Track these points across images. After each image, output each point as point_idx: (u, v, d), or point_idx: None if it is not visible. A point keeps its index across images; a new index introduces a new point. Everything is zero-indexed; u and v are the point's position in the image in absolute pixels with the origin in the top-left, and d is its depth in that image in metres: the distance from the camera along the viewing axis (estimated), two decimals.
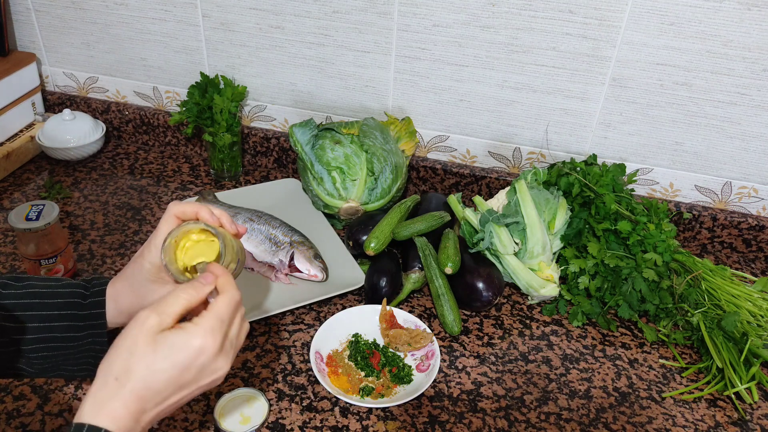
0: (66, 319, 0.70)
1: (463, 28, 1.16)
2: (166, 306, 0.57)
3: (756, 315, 1.00)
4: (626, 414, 0.91)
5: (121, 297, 0.71)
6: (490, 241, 1.05)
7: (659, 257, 1.03)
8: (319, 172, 1.17)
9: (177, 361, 0.54)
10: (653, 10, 1.06)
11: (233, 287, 0.61)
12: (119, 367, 0.54)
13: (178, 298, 0.58)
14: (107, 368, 0.55)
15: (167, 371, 0.54)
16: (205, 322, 0.56)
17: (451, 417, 0.88)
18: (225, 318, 0.58)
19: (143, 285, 0.70)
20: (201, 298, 0.60)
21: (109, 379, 0.54)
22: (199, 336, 0.55)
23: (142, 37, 1.36)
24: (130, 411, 0.54)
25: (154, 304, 0.58)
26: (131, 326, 0.56)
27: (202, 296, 0.60)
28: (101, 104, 1.45)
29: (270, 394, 0.90)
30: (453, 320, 1.00)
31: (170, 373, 0.54)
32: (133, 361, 0.54)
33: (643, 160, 1.21)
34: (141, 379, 0.54)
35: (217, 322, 0.57)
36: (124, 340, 0.56)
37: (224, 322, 0.57)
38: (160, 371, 0.54)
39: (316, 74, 1.30)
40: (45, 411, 0.85)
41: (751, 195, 1.20)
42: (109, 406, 0.54)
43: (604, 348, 1.02)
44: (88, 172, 1.36)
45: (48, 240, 1.00)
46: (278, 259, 1.09)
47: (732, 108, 1.12)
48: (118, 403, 0.54)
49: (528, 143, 1.25)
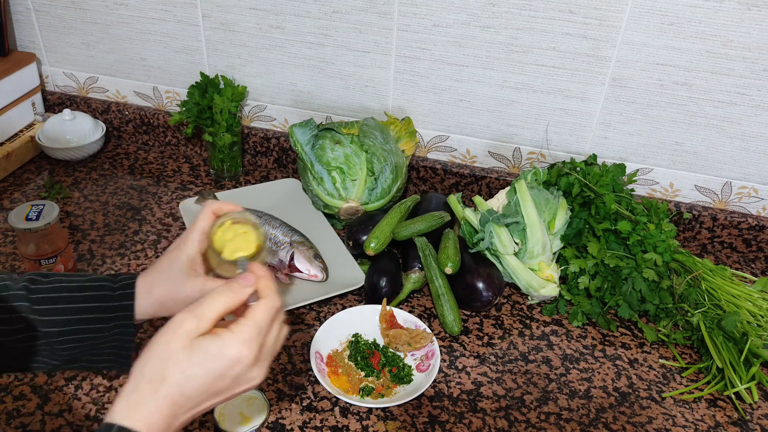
0: (95, 311, 0.71)
1: (463, 28, 1.16)
2: (204, 309, 0.57)
3: (756, 315, 1.00)
4: (626, 414, 0.91)
5: (154, 288, 0.72)
6: (490, 241, 1.05)
7: (659, 257, 1.03)
8: (319, 172, 1.17)
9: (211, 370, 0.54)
10: (653, 10, 1.06)
11: (274, 293, 0.60)
12: (154, 371, 0.54)
13: (217, 302, 0.57)
14: (141, 370, 0.55)
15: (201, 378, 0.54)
16: (243, 331, 0.56)
17: (451, 417, 0.88)
18: (263, 327, 0.57)
19: (177, 277, 0.71)
20: (240, 301, 0.59)
21: (142, 382, 0.54)
22: (235, 346, 0.54)
23: (142, 37, 1.36)
24: (163, 415, 0.54)
25: (191, 306, 0.57)
26: (167, 329, 0.56)
27: (241, 299, 0.59)
28: (101, 104, 1.45)
29: (270, 394, 0.90)
30: (453, 320, 1.00)
31: (204, 380, 0.54)
32: (169, 366, 0.54)
33: (643, 160, 1.21)
34: (175, 384, 0.53)
35: (254, 331, 0.56)
36: (159, 343, 0.55)
37: (262, 331, 0.56)
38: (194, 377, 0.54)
39: (316, 74, 1.30)
40: (45, 411, 0.85)
41: (751, 195, 1.20)
42: (143, 410, 0.54)
43: (604, 348, 1.02)
44: (88, 172, 1.36)
45: (48, 240, 1.00)
46: (278, 259, 1.09)
47: (732, 108, 1.12)
48: (152, 408, 0.53)
49: (528, 143, 1.25)
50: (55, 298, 0.71)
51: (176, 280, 0.72)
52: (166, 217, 1.24)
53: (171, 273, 0.72)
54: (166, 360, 0.54)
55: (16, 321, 0.68)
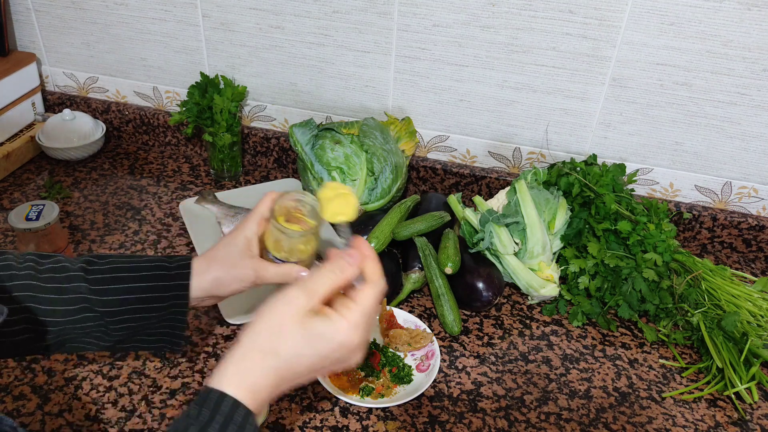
0: (151, 290, 0.73)
1: (463, 28, 1.16)
2: (314, 285, 0.59)
3: (756, 315, 1.00)
4: (626, 414, 0.91)
5: (210, 267, 0.76)
6: (490, 241, 1.05)
7: (659, 257, 1.03)
8: (319, 172, 1.17)
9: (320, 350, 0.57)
10: (653, 10, 1.06)
11: (380, 276, 0.62)
12: (266, 343, 0.56)
13: (325, 279, 0.60)
14: (253, 339, 0.57)
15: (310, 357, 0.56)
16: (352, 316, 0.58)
17: (451, 417, 0.88)
18: (370, 313, 0.59)
19: (234, 256, 0.76)
20: (347, 281, 0.61)
21: (254, 350, 0.56)
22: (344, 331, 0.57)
23: (142, 37, 1.36)
24: (268, 385, 0.56)
25: (302, 282, 0.60)
26: (279, 302, 0.58)
27: (348, 278, 0.61)
28: (101, 104, 1.45)
29: None
30: (453, 320, 1.00)
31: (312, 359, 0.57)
32: (281, 341, 0.56)
33: (643, 160, 1.21)
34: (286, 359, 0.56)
35: (362, 317, 0.58)
36: (273, 315, 0.58)
37: (369, 317, 0.59)
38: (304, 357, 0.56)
39: (316, 74, 1.30)
40: (45, 411, 0.85)
41: (751, 195, 1.20)
42: (250, 378, 0.56)
43: (604, 348, 1.02)
44: (88, 172, 1.36)
45: (48, 240, 1.00)
46: None
47: (732, 108, 1.12)
48: (259, 377, 0.56)
49: (528, 143, 1.25)
50: (112, 278, 0.73)
51: (232, 260, 0.76)
52: (166, 217, 1.24)
53: (227, 252, 0.77)
54: (278, 334, 0.57)
55: (75, 301, 0.71)
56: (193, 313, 1.02)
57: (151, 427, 0.84)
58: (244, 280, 0.77)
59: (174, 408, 0.87)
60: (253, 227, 0.79)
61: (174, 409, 0.87)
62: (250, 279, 0.77)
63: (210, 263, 0.77)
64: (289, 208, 0.80)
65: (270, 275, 0.78)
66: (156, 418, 0.86)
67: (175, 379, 0.91)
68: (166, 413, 0.86)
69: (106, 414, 0.86)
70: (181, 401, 0.88)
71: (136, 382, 0.90)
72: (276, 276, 0.78)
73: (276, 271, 0.78)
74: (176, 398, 0.88)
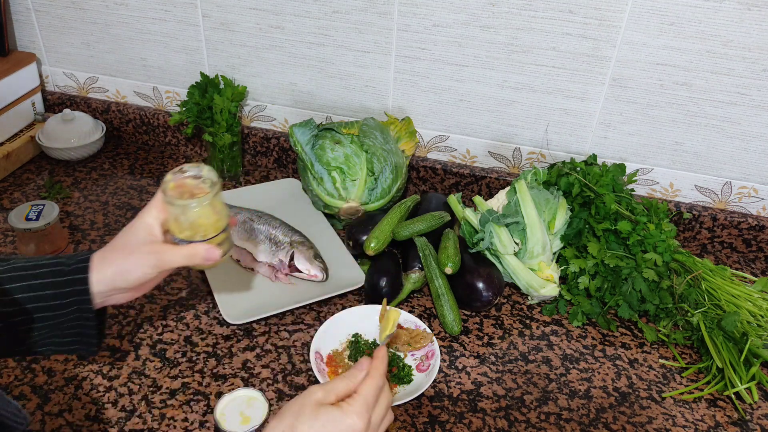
0: (49, 287, 0.71)
1: (463, 28, 1.16)
2: (332, 386, 0.69)
3: (756, 315, 1.00)
4: (626, 414, 0.91)
5: (108, 257, 0.74)
6: (490, 241, 1.05)
7: (659, 257, 1.03)
8: (319, 172, 1.17)
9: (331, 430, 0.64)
10: (653, 10, 1.06)
11: (380, 375, 0.70)
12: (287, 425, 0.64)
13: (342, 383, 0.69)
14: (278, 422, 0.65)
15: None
16: (356, 404, 0.66)
17: (451, 417, 0.88)
18: (371, 402, 0.67)
19: (133, 243, 0.74)
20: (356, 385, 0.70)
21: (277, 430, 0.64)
22: (351, 416, 0.65)
23: (142, 37, 1.36)
24: None
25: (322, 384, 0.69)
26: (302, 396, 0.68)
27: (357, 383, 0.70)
28: (101, 104, 1.45)
29: (270, 394, 0.90)
30: (453, 320, 1.00)
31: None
32: (299, 423, 0.64)
33: (643, 160, 1.21)
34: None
35: (364, 406, 0.67)
36: (294, 404, 0.67)
37: (370, 405, 0.67)
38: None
39: (316, 74, 1.30)
40: (45, 411, 0.85)
41: (751, 195, 1.20)
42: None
43: (604, 348, 1.02)
44: (88, 172, 1.36)
45: (48, 240, 1.00)
46: (278, 259, 1.09)
47: (732, 108, 1.12)
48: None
49: (528, 143, 1.25)
50: (9, 278, 0.71)
51: (131, 247, 0.74)
52: None
53: (126, 240, 0.75)
54: (298, 416, 0.65)
55: None
56: (193, 313, 1.02)
57: (151, 427, 0.84)
58: (145, 265, 0.73)
59: (174, 408, 0.87)
60: (153, 212, 0.75)
61: (174, 409, 0.87)
62: (152, 263, 0.73)
63: (107, 254, 0.74)
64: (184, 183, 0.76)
65: (175, 258, 0.74)
66: (156, 418, 0.86)
67: (175, 379, 0.91)
68: (166, 413, 0.86)
69: (106, 414, 0.86)
70: (181, 401, 0.88)
71: (136, 382, 0.90)
72: (181, 258, 0.74)
73: (181, 252, 0.74)
74: (176, 398, 0.88)
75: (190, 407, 0.87)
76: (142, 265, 0.73)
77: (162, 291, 1.06)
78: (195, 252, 0.75)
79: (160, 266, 0.74)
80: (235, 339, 0.98)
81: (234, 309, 1.00)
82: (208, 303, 1.05)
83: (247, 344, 0.98)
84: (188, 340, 0.98)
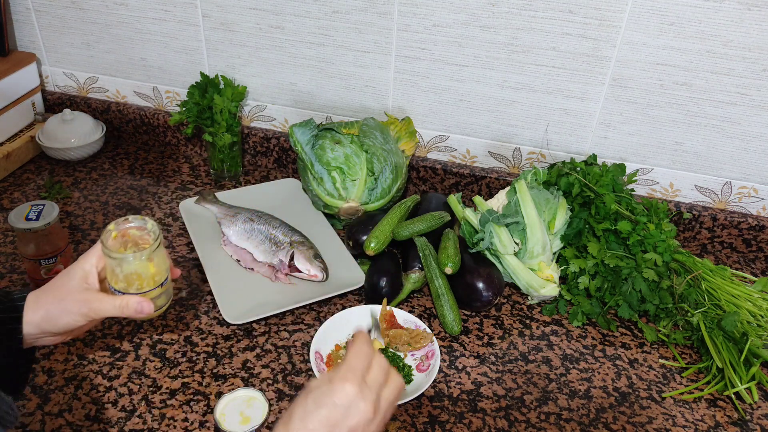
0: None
1: (463, 28, 1.16)
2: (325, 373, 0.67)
3: (756, 315, 1.00)
4: (626, 414, 0.91)
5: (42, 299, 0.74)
6: (490, 241, 1.05)
7: (659, 257, 1.03)
8: (319, 172, 1.17)
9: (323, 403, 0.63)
10: (653, 10, 1.06)
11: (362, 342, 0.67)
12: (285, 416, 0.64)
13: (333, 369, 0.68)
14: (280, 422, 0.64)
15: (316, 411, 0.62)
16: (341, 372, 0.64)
17: (451, 417, 0.88)
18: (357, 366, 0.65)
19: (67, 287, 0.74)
20: None
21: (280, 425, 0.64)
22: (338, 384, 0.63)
23: (142, 37, 1.36)
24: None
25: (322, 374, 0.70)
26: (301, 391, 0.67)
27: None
28: (101, 104, 1.45)
29: (270, 394, 0.90)
30: (453, 320, 1.00)
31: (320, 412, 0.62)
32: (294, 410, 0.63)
33: (643, 160, 1.21)
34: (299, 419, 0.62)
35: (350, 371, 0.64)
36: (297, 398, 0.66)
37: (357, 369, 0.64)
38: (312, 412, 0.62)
39: (316, 74, 1.30)
40: (45, 411, 0.85)
41: (751, 195, 1.20)
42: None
43: (604, 348, 1.02)
44: (88, 172, 1.36)
45: (48, 240, 1.00)
46: (278, 259, 1.09)
47: (732, 108, 1.12)
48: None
49: (528, 143, 1.25)
50: None
51: (63, 293, 0.74)
52: (166, 217, 1.24)
53: (60, 285, 0.74)
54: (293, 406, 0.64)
55: None
56: (193, 313, 1.02)
57: (151, 427, 0.84)
58: (74, 312, 0.73)
59: (174, 408, 0.87)
60: (92, 259, 0.76)
61: (174, 409, 0.87)
62: (82, 312, 0.73)
63: (40, 297, 0.74)
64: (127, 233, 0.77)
65: (105, 308, 0.74)
66: (156, 418, 0.86)
67: (175, 379, 0.91)
68: (166, 413, 0.86)
69: (106, 414, 0.86)
70: (181, 401, 0.88)
71: (136, 382, 0.90)
72: (112, 309, 0.74)
73: (112, 303, 0.74)
74: (176, 398, 0.88)
75: (190, 407, 0.87)
76: (72, 312, 0.73)
77: None
78: (127, 304, 0.74)
79: (90, 315, 0.74)
80: (235, 339, 0.98)
81: (234, 309, 1.00)
82: (208, 303, 1.05)
83: (247, 344, 0.98)
84: (188, 340, 0.98)
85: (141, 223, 0.77)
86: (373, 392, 0.64)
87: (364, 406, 0.62)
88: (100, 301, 0.74)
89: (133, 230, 0.77)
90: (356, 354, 0.66)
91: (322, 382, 0.64)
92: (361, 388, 0.63)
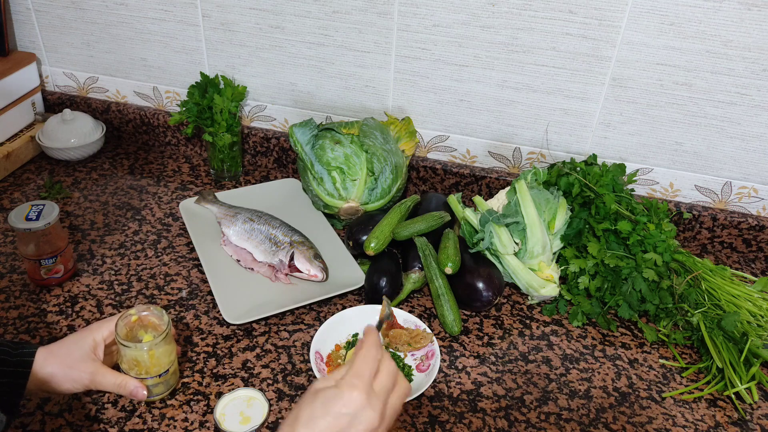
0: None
1: (463, 28, 1.16)
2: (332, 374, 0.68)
3: (756, 315, 1.00)
4: (626, 414, 0.91)
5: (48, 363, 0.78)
6: (490, 241, 1.05)
7: (659, 257, 1.03)
8: (319, 172, 1.17)
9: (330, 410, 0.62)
10: (653, 10, 1.06)
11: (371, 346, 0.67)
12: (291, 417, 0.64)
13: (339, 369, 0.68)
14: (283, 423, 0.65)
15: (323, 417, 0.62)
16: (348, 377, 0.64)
17: (451, 417, 0.88)
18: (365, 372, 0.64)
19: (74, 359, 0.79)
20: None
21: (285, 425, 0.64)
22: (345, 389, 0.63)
23: (142, 37, 1.36)
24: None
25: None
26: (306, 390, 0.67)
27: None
28: (101, 104, 1.45)
29: (270, 394, 0.90)
30: (453, 320, 1.00)
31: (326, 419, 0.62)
32: (300, 411, 0.63)
33: (643, 160, 1.21)
34: (304, 423, 0.62)
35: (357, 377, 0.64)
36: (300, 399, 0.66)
37: (365, 375, 0.64)
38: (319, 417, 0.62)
39: (316, 74, 1.30)
40: (45, 411, 0.85)
41: (751, 195, 1.20)
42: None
43: (604, 348, 1.02)
44: (88, 172, 1.36)
45: (48, 240, 1.00)
46: (278, 259, 1.09)
47: (732, 108, 1.12)
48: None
49: (528, 143, 1.25)
50: None
51: (71, 360, 0.79)
52: (166, 217, 1.24)
53: (69, 351, 0.80)
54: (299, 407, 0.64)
55: None
56: (193, 313, 1.02)
57: (151, 427, 0.84)
58: (77, 381, 0.79)
59: (174, 408, 0.87)
60: (104, 332, 0.82)
61: (174, 409, 0.87)
62: (84, 383, 0.80)
63: (48, 358, 0.79)
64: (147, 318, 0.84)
65: (105, 383, 0.80)
66: (156, 418, 0.86)
67: None
68: (166, 413, 0.86)
69: (106, 414, 0.86)
70: (181, 401, 0.88)
71: None
72: (112, 386, 0.81)
73: (113, 381, 0.81)
74: (176, 398, 0.88)
75: (190, 407, 0.87)
76: (75, 381, 0.79)
77: (162, 291, 1.06)
78: (125, 385, 0.81)
79: (90, 387, 0.80)
80: (235, 339, 0.98)
81: (234, 309, 1.00)
82: (207, 303, 1.05)
83: (247, 344, 0.98)
84: (188, 340, 0.98)
85: (159, 314, 0.85)
86: (380, 400, 0.64)
87: (371, 414, 0.62)
88: (103, 375, 0.80)
89: (153, 318, 0.85)
90: (364, 358, 0.65)
91: (328, 385, 0.64)
92: (369, 396, 0.63)
